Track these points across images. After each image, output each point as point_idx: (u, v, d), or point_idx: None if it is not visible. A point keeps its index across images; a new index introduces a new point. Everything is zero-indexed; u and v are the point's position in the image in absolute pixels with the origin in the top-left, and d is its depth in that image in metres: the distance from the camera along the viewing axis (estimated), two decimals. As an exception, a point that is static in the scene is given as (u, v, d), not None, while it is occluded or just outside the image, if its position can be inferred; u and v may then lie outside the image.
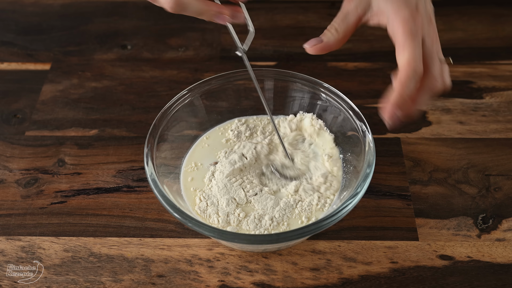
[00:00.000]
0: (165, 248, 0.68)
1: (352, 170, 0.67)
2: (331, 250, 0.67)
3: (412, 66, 0.56)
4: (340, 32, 0.62)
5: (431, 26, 0.60)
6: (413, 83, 0.57)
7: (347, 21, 0.62)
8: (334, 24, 0.62)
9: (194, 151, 0.72)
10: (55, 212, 0.71)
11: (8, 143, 0.78)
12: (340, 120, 0.70)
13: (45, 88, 0.85)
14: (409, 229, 0.69)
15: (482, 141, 0.77)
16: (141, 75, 0.87)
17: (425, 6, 0.60)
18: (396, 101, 0.57)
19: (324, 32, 0.62)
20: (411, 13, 0.58)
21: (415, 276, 0.65)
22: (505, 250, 0.67)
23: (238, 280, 0.65)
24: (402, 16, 0.58)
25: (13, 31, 0.93)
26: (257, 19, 0.94)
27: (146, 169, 0.63)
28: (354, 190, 0.61)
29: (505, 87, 0.84)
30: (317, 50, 0.63)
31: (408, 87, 0.57)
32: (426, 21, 0.59)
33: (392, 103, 0.58)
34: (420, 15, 0.59)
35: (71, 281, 0.65)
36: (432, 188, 0.72)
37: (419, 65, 0.57)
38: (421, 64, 0.57)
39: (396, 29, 0.58)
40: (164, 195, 0.61)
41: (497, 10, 0.95)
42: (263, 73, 0.72)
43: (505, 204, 0.71)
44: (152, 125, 0.67)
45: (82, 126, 0.80)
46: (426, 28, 0.59)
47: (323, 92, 0.70)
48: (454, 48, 0.89)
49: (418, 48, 0.57)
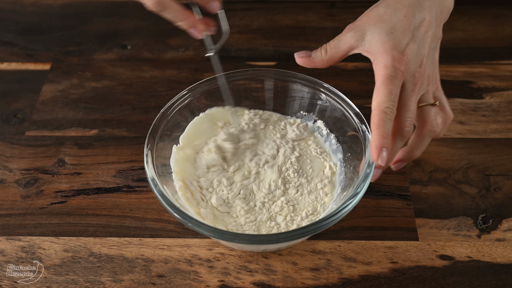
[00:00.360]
0: (165, 248, 0.68)
1: (352, 170, 0.67)
2: (331, 250, 0.67)
3: (381, 109, 0.59)
4: (328, 55, 0.65)
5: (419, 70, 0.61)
6: (387, 124, 0.59)
7: (338, 47, 0.64)
8: (327, 45, 0.65)
9: None
10: (55, 212, 0.71)
11: (8, 143, 0.78)
12: (340, 120, 0.70)
13: (45, 88, 0.85)
14: (409, 229, 0.69)
15: (482, 141, 0.77)
16: (141, 75, 0.87)
17: (418, 48, 0.61)
18: (376, 143, 0.59)
19: (317, 49, 0.65)
20: (394, 59, 0.60)
21: (415, 276, 0.65)
22: (505, 250, 0.67)
23: (238, 280, 0.65)
24: (384, 62, 0.60)
25: (13, 31, 0.93)
26: (257, 19, 0.94)
27: (146, 169, 0.63)
28: (354, 190, 0.61)
29: (505, 87, 0.84)
30: (302, 63, 0.66)
31: (383, 128, 0.59)
32: (413, 65, 0.61)
33: (375, 146, 0.59)
34: (406, 60, 0.60)
35: (71, 281, 0.65)
36: (432, 188, 0.72)
37: (390, 107, 0.59)
38: (392, 106, 0.59)
39: (377, 73, 0.61)
40: (164, 195, 0.61)
41: (497, 10, 0.95)
42: (263, 73, 0.72)
43: (505, 204, 0.71)
44: (152, 125, 0.67)
45: (82, 126, 0.80)
46: (410, 73, 0.60)
47: (323, 92, 0.70)
48: (454, 48, 0.89)
49: (392, 92, 0.59)
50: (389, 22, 0.61)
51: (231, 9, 0.96)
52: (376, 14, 0.63)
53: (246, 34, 0.92)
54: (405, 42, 0.60)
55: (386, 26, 0.61)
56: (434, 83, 0.65)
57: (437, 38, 0.63)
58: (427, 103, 0.63)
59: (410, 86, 0.61)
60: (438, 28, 0.63)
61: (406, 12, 0.62)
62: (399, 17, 0.61)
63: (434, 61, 0.64)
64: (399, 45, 0.60)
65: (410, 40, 0.61)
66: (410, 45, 0.60)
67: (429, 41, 0.62)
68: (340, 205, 0.60)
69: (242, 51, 0.90)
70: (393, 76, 0.59)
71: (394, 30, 0.61)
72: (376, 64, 0.61)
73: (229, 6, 0.96)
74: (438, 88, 0.65)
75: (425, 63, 0.62)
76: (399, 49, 0.60)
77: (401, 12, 0.62)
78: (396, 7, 0.62)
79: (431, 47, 0.62)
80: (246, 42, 0.91)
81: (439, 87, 0.66)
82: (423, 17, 0.62)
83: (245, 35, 0.92)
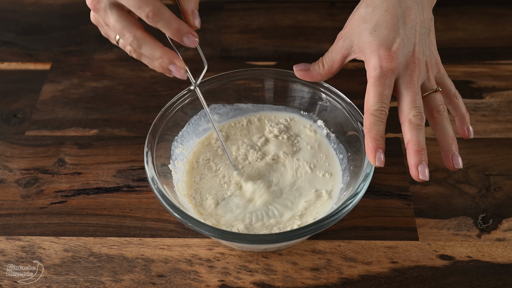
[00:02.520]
0: (165, 248, 0.68)
1: (352, 170, 0.67)
2: (331, 250, 0.67)
3: (370, 112, 0.59)
4: (326, 67, 0.65)
5: (412, 60, 0.60)
6: (378, 126, 0.59)
7: (332, 59, 0.64)
8: (323, 59, 0.65)
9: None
10: (55, 212, 0.71)
11: (8, 143, 0.78)
12: (340, 120, 0.70)
13: (45, 88, 0.85)
14: (409, 229, 0.69)
15: (482, 141, 0.77)
16: (141, 75, 0.87)
17: (406, 39, 0.60)
18: (370, 146, 0.59)
19: (315, 62, 0.66)
20: (380, 58, 0.60)
21: (415, 276, 0.65)
22: (505, 250, 0.67)
23: (238, 280, 0.65)
24: (372, 64, 0.60)
25: (13, 31, 0.93)
26: (257, 19, 0.94)
27: (146, 169, 0.63)
28: (354, 190, 0.61)
29: (505, 87, 0.84)
30: (301, 76, 0.67)
31: (374, 131, 0.59)
32: (404, 57, 0.60)
33: (368, 148, 0.59)
34: (393, 55, 0.60)
35: (71, 281, 0.65)
36: (432, 188, 0.72)
37: (380, 109, 0.59)
38: (382, 107, 0.59)
39: (367, 74, 0.61)
40: (163, 195, 0.61)
41: (497, 10, 0.95)
42: (263, 73, 0.72)
43: (505, 204, 0.71)
44: (152, 125, 0.67)
45: (82, 126, 0.80)
46: (402, 66, 0.60)
47: (323, 92, 0.70)
48: (454, 48, 0.89)
49: (382, 93, 0.59)
50: (371, 21, 0.61)
51: (231, 9, 0.96)
52: (358, 16, 0.63)
53: (246, 34, 0.92)
54: (391, 37, 0.60)
55: (369, 26, 0.61)
56: (434, 67, 0.64)
57: (427, 22, 0.63)
58: (430, 91, 0.62)
59: (406, 78, 0.60)
60: (426, 12, 0.62)
61: (386, 6, 0.61)
62: (380, 13, 0.61)
63: (430, 44, 0.63)
64: (384, 41, 0.60)
65: (395, 33, 0.60)
66: (396, 39, 0.60)
67: (418, 28, 0.61)
68: (340, 205, 0.60)
69: (242, 51, 0.90)
70: (381, 76, 0.59)
71: (377, 28, 0.61)
72: (366, 66, 0.61)
73: (229, 6, 0.96)
74: (439, 71, 0.64)
75: (418, 50, 0.61)
76: (386, 45, 0.60)
77: (381, 8, 0.61)
78: (375, 4, 0.62)
79: (421, 33, 0.62)
80: (246, 42, 0.91)
81: (441, 70, 0.65)
82: (406, 6, 0.61)
83: (245, 35, 0.92)
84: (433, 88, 0.62)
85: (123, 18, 0.59)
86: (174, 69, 0.61)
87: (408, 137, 0.59)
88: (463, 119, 0.65)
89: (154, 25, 0.58)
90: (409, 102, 0.60)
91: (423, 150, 0.58)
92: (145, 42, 0.60)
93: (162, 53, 0.60)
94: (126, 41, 0.60)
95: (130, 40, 0.59)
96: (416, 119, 0.59)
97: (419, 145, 0.58)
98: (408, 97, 0.60)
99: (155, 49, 0.60)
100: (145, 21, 0.58)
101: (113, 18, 0.59)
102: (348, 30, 0.63)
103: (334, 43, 0.65)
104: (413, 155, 0.58)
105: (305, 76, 0.67)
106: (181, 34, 0.59)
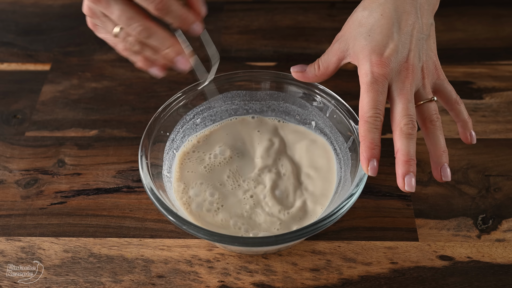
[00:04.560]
0: (165, 248, 0.68)
1: (350, 170, 0.67)
2: (331, 250, 0.67)
3: (364, 119, 0.58)
4: (321, 69, 0.65)
5: (405, 66, 0.59)
6: (373, 133, 0.58)
7: (328, 61, 0.64)
8: (319, 61, 0.65)
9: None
10: (55, 213, 0.71)
11: (8, 144, 0.78)
12: (335, 121, 0.69)
13: (45, 88, 0.85)
14: (409, 229, 0.69)
15: (482, 141, 0.77)
16: (141, 75, 0.87)
17: (400, 44, 0.59)
18: (364, 155, 0.58)
19: (311, 64, 0.66)
20: (372, 64, 0.59)
21: (415, 277, 0.65)
22: (505, 250, 0.67)
23: (238, 280, 0.65)
24: (364, 69, 0.59)
25: (13, 31, 0.93)
26: (257, 20, 0.94)
27: (141, 175, 0.63)
28: (351, 191, 0.61)
29: (505, 87, 0.84)
30: (298, 77, 0.67)
31: (369, 139, 0.58)
32: (397, 63, 0.59)
33: (363, 157, 0.58)
34: (385, 61, 0.58)
35: (71, 281, 0.65)
36: (432, 188, 0.72)
37: (374, 116, 0.58)
38: (376, 114, 0.58)
39: (360, 80, 0.60)
40: (159, 199, 0.61)
41: (497, 10, 0.95)
42: (259, 75, 0.72)
43: (505, 205, 0.71)
44: (146, 127, 0.67)
45: (82, 126, 0.80)
46: (395, 72, 0.59)
47: (318, 94, 0.70)
48: (453, 49, 0.89)
49: (375, 100, 0.58)
50: (366, 25, 0.60)
51: (231, 9, 0.96)
52: (355, 19, 0.62)
53: (246, 34, 0.92)
54: (384, 42, 0.59)
55: (364, 30, 0.60)
56: (432, 73, 0.62)
57: (426, 27, 0.61)
58: (424, 100, 0.61)
59: (398, 85, 0.59)
60: (425, 17, 0.61)
61: (382, 11, 0.60)
62: (375, 17, 0.60)
63: (428, 50, 0.61)
64: (377, 47, 0.59)
65: (389, 38, 0.59)
66: (390, 44, 0.59)
67: (415, 33, 0.60)
68: (337, 205, 0.60)
69: (242, 51, 0.90)
70: (373, 82, 0.58)
71: (371, 32, 0.60)
72: (359, 71, 0.60)
73: (229, 6, 0.96)
74: (439, 77, 0.63)
75: (412, 56, 0.59)
76: (378, 51, 0.59)
77: (377, 12, 0.60)
78: (371, 7, 0.61)
79: (418, 38, 0.60)
80: (246, 42, 0.91)
81: (441, 76, 0.63)
82: (403, 10, 0.60)
83: (245, 35, 0.92)
84: (428, 97, 0.61)
85: (130, 7, 0.57)
86: (181, 61, 0.60)
87: (397, 146, 0.58)
88: (466, 125, 0.64)
89: (163, 16, 0.57)
90: (401, 110, 0.58)
91: (412, 161, 0.57)
92: (155, 31, 0.58)
93: (171, 43, 0.59)
94: (133, 31, 0.58)
95: (139, 30, 0.57)
96: (407, 128, 0.58)
97: (408, 155, 0.57)
98: (400, 104, 0.59)
99: (165, 39, 0.59)
100: (153, 13, 0.57)
101: (118, 8, 0.57)
102: (345, 33, 0.62)
103: (331, 45, 0.64)
104: (401, 165, 0.57)
105: (301, 77, 0.66)
106: (189, 23, 0.58)
